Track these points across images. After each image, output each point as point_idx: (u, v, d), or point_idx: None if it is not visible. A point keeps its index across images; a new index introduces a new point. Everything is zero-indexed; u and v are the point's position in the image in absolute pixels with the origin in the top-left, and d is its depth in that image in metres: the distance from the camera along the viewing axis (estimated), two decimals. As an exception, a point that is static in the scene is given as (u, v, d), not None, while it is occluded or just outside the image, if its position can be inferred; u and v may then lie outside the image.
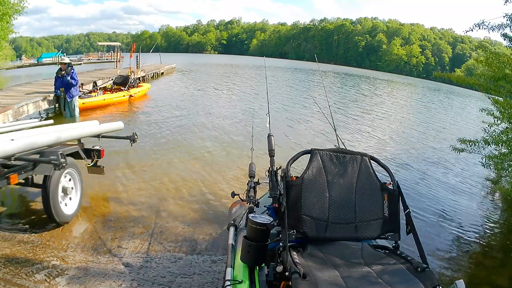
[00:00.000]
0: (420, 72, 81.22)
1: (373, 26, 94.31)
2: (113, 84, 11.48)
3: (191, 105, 11.38)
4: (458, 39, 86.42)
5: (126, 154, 5.81)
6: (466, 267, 3.52)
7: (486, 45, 7.08)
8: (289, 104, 13.37)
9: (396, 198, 1.67)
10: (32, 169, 3.03)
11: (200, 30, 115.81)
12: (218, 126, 8.51)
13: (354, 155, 1.74)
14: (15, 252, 2.76)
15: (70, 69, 8.05)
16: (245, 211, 1.94)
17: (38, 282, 2.42)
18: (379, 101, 19.06)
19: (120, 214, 3.64)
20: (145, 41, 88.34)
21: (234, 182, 4.87)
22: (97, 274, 2.59)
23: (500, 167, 5.58)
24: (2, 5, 12.98)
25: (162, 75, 21.19)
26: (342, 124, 9.82)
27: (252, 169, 2.32)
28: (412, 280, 1.32)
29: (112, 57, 25.86)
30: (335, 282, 1.30)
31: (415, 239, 1.52)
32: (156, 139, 6.83)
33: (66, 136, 3.49)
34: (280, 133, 7.90)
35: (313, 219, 1.59)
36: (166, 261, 2.87)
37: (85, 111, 8.79)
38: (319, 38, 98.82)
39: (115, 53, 21.48)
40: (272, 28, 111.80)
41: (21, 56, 39.26)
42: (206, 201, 4.20)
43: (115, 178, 4.62)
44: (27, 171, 3.00)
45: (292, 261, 1.34)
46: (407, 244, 1.64)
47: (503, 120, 5.40)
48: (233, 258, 1.58)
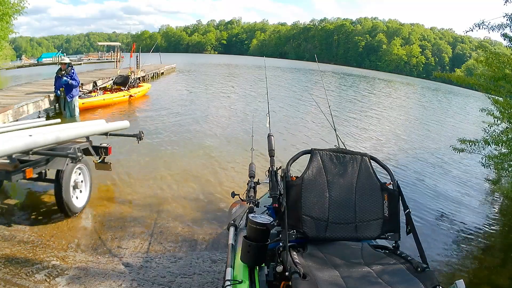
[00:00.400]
0: (420, 72, 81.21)
1: (373, 26, 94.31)
2: (113, 84, 11.48)
3: (191, 105, 11.38)
4: (458, 39, 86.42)
5: (126, 154, 5.82)
6: (466, 267, 3.52)
7: (486, 45, 7.08)
8: (289, 104, 13.37)
9: (396, 198, 1.67)
10: (46, 164, 3.29)
11: (200, 30, 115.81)
12: (218, 126, 8.51)
13: (354, 155, 1.74)
14: (15, 252, 2.76)
15: (70, 69, 8.04)
16: (245, 211, 1.94)
17: (38, 282, 2.42)
18: (379, 101, 19.06)
19: (120, 214, 3.64)
20: (145, 41, 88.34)
21: (234, 182, 4.87)
22: (97, 274, 2.59)
23: (500, 167, 5.58)
24: (2, 5, 12.99)
25: (162, 75, 21.20)
26: (342, 124, 9.82)
27: (252, 169, 2.32)
28: (412, 280, 1.32)
29: (112, 57, 25.87)
30: (335, 282, 1.30)
31: (415, 239, 1.52)
32: (156, 139, 6.83)
33: (76, 134, 3.74)
34: (280, 133, 7.89)
35: (313, 219, 1.59)
36: (166, 261, 2.87)
37: (85, 111, 8.79)
38: (319, 38, 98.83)
39: (115, 53, 21.49)
40: (272, 28, 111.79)
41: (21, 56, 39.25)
42: (206, 201, 4.20)
43: (115, 178, 4.62)
44: (40, 165, 3.24)
45: (292, 261, 1.34)
46: (407, 244, 1.64)
47: (503, 120, 5.40)
48: (233, 258, 1.58)
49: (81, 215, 3.51)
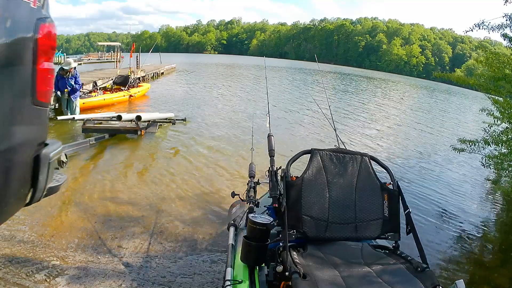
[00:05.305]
0: (420, 72, 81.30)
1: (373, 26, 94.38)
2: (113, 84, 11.47)
3: (190, 105, 11.37)
4: (458, 39, 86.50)
5: (126, 154, 5.82)
6: (466, 267, 3.52)
7: (486, 45, 7.07)
8: (289, 104, 13.37)
9: (396, 198, 1.67)
10: (145, 128, 6.85)
11: (200, 30, 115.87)
12: (218, 126, 8.50)
13: (354, 155, 1.74)
14: (15, 252, 2.76)
15: (74, 71, 8.07)
16: (245, 211, 1.94)
17: (38, 282, 2.42)
18: (379, 101, 19.07)
19: (120, 214, 3.64)
20: (145, 41, 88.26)
21: (234, 182, 4.87)
22: (97, 274, 2.59)
23: (500, 167, 5.57)
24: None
25: (162, 75, 21.19)
26: (341, 124, 9.82)
27: (252, 169, 2.32)
28: (412, 280, 1.32)
29: (112, 57, 25.83)
30: (335, 282, 1.31)
31: (415, 239, 1.52)
32: (155, 139, 6.83)
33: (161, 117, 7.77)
34: (280, 133, 7.89)
35: (313, 219, 1.59)
36: (166, 261, 2.87)
37: (85, 111, 8.79)
38: (319, 38, 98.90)
39: (115, 53, 21.47)
40: (272, 28, 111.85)
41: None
42: (206, 201, 4.20)
43: (115, 178, 4.62)
44: (143, 128, 6.73)
45: (292, 261, 1.34)
46: (407, 244, 1.64)
47: (503, 120, 5.39)
48: (233, 258, 1.58)
49: (81, 215, 3.51)
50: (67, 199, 3.82)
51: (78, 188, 4.16)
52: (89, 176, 4.64)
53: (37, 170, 1.35)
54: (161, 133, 7.28)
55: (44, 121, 1.44)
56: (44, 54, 1.33)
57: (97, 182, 4.41)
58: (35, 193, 1.38)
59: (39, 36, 1.30)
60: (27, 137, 1.31)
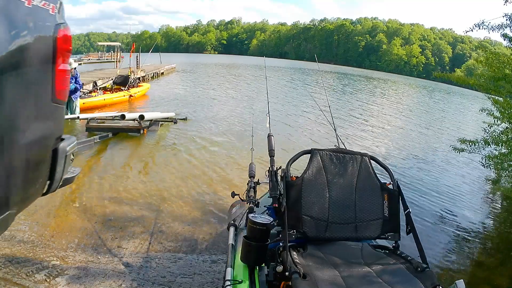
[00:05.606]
0: (420, 72, 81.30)
1: (373, 26, 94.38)
2: (113, 84, 11.47)
3: (190, 105, 11.37)
4: (458, 39, 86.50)
5: (125, 154, 5.83)
6: (466, 267, 3.52)
7: (486, 45, 7.06)
8: (289, 104, 13.38)
9: (396, 198, 1.67)
10: (148, 127, 6.95)
11: (200, 30, 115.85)
12: (218, 126, 8.50)
13: (354, 155, 1.74)
14: (15, 252, 2.76)
15: (74, 71, 8.09)
16: (245, 211, 1.94)
17: (38, 282, 2.42)
18: (379, 101, 19.07)
19: (120, 214, 3.64)
20: (145, 41, 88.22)
21: (234, 182, 4.87)
22: (97, 274, 2.59)
23: (500, 167, 5.57)
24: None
25: (162, 75, 21.19)
26: (341, 124, 9.82)
27: (252, 169, 2.32)
28: (412, 280, 1.32)
29: (112, 57, 25.80)
30: (335, 282, 1.31)
31: (415, 239, 1.52)
32: (155, 139, 6.84)
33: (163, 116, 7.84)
34: (280, 133, 7.89)
35: (313, 219, 1.59)
36: (166, 261, 2.87)
37: (85, 111, 8.79)
38: (319, 38, 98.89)
39: (115, 53, 21.44)
40: (272, 28, 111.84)
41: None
42: (206, 201, 4.20)
43: (115, 178, 4.62)
44: (146, 127, 6.82)
45: (292, 261, 1.34)
46: (407, 244, 1.64)
47: (503, 120, 5.39)
48: (233, 258, 1.58)
49: (81, 216, 3.51)
50: (67, 199, 3.82)
51: (78, 188, 4.16)
52: (89, 176, 4.64)
53: (55, 161, 1.49)
54: (162, 132, 7.29)
55: (61, 118, 1.60)
56: (61, 56, 1.45)
57: (98, 181, 4.41)
58: (52, 183, 1.51)
59: (57, 39, 1.42)
60: (47, 131, 1.45)
